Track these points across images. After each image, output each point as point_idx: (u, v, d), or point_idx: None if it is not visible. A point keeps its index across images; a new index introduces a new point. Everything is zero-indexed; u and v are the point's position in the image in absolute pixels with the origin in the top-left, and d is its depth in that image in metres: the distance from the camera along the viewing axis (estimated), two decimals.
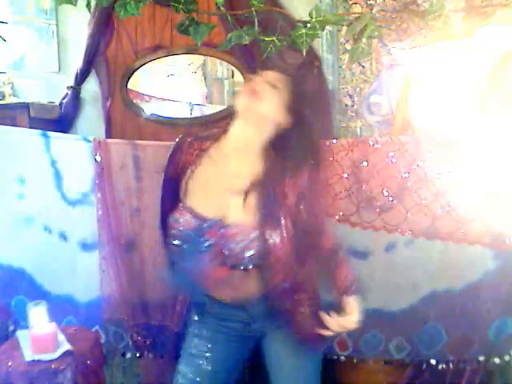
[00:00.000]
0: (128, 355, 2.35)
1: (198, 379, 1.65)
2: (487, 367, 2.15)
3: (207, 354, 1.65)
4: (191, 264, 1.55)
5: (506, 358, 2.11)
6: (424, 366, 2.19)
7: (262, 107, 1.53)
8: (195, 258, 1.53)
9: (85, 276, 2.26)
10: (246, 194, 1.52)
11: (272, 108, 1.54)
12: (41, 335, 1.85)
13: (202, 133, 1.69)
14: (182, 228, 1.54)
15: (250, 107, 1.54)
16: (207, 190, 1.57)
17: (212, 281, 1.56)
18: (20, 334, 2.00)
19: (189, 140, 1.65)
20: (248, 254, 1.49)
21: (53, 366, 1.80)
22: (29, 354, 1.83)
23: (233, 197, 1.54)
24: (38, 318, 1.88)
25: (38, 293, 2.24)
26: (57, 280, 2.27)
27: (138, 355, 2.33)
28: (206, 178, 1.59)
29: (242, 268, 1.50)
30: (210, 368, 1.65)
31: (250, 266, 1.51)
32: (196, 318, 1.71)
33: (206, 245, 1.51)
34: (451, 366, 2.15)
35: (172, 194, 1.63)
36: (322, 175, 1.64)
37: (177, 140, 1.68)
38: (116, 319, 2.28)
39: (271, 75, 1.57)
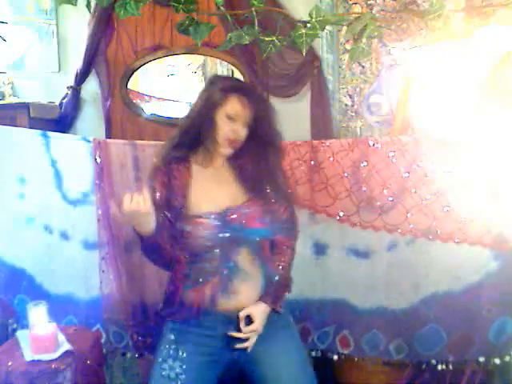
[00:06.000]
0: (128, 355, 2.35)
1: None
2: (487, 368, 2.15)
3: (182, 376, 1.64)
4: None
5: (507, 358, 2.10)
6: (424, 366, 2.19)
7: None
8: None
9: (87, 274, 2.26)
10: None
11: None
12: (41, 335, 1.84)
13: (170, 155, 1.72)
14: (204, 233, 1.60)
15: None
16: (207, 192, 1.67)
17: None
18: (20, 334, 2.00)
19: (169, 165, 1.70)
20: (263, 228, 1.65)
21: (53, 366, 1.80)
22: (29, 354, 1.83)
23: (230, 188, 1.69)
24: (38, 318, 1.88)
25: (38, 292, 2.24)
26: (56, 279, 2.27)
27: (137, 355, 2.33)
28: (202, 182, 1.69)
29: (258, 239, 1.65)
30: None
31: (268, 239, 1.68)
32: (173, 338, 1.67)
33: (227, 235, 1.61)
34: (451, 366, 2.15)
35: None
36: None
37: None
38: (116, 319, 2.28)
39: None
